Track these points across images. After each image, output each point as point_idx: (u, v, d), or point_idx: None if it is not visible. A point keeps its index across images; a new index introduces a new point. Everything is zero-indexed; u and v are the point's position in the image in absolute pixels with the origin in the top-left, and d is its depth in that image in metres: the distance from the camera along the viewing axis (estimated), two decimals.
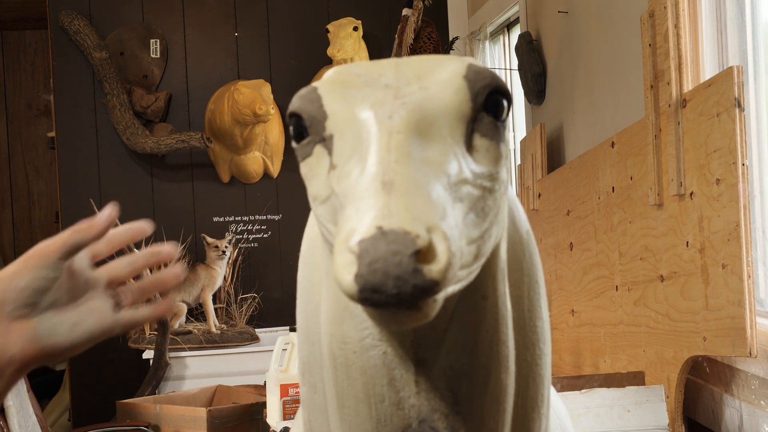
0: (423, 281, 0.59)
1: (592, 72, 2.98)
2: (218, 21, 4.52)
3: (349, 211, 0.63)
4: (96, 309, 0.86)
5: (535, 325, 0.85)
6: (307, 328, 0.87)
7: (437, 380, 0.74)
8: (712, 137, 1.98)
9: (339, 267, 0.60)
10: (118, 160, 4.45)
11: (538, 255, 0.88)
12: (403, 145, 0.66)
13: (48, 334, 0.82)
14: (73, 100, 4.45)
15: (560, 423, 1.06)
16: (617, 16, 2.74)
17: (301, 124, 0.74)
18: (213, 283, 4.23)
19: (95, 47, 4.35)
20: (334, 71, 0.76)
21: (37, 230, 6.10)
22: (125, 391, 4.01)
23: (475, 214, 0.68)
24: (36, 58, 6.17)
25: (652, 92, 2.25)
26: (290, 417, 2.60)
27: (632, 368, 2.38)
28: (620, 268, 2.50)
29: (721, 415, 2.08)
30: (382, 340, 0.74)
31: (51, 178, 6.00)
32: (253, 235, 4.53)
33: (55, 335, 0.82)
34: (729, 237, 1.91)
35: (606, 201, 2.59)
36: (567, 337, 2.89)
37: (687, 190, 2.10)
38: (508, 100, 0.74)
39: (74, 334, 0.84)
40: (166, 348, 3.93)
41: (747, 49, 2.16)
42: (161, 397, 3.63)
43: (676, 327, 2.16)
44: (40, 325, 0.82)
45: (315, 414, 0.87)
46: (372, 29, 4.50)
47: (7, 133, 6.14)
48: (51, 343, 0.82)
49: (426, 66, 0.74)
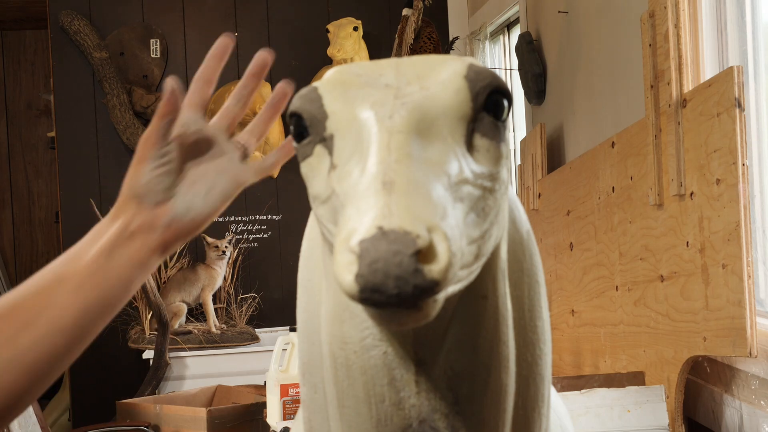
0: (423, 281, 0.59)
1: (592, 72, 2.98)
2: (218, 21, 4.52)
3: (350, 210, 0.63)
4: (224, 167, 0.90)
5: (536, 325, 0.85)
6: (308, 328, 0.87)
7: (437, 380, 0.74)
8: (712, 137, 1.98)
9: (339, 267, 0.60)
10: (118, 160, 4.45)
11: (538, 255, 0.88)
12: (403, 145, 0.66)
13: (185, 211, 0.87)
14: (73, 100, 4.45)
15: (560, 423, 1.06)
16: (617, 16, 2.74)
17: (302, 124, 0.74)
18: (213, 283, 4.23)
19: (95, 47, 4.35)
20: (334, 71, 0.76)
21: (37, 230, 6.10)
22: (125, 391, 4.01)
23: (476, 214, 0.68)
24: (36, 58, 6.18)
25: (652, 92, 2.25)
26: (290, 417, 2.60)
27: (632, 368, 2.38)
28: (620, 268, 2.50)
29: (721, 415, 2.08)
30: (382, 340, 0.74)
31: (51, 178, 6.00)
32: (253, 235, 4.53)
33: (192, 210, 0.88)
34: (729, 237, 1.91)
35: (606, 201, 2.59)
36: (567, 337, 2.89)
37: (687, 190, 2.10)
38: (509, 100, 0.74)
39: (209, 202, 0.89)
40: (166, 348, 3.93)
41: (747, 49, 2.16)
42: (161, 397, 3.63)
43: (676, 327, 2.16)
44: (176, 206, 0.87)
45: (315, 414, 0.87)
46: (372, 29, 4.50)
47: (7, 133, 6.14)
48: (189, 219, 0.88)
49: (426, 66, 0.74)
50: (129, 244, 0.86)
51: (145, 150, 0.87)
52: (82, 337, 0.85)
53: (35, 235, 6.09)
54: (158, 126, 0.87)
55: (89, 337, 0.86)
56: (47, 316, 0.82)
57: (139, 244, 0.86)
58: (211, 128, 0.92)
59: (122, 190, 0.88)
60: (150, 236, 0.86)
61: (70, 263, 0.85)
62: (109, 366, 4.33)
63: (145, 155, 0.87)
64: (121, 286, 0.85)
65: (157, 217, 0.87)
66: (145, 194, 0.86)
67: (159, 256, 0.87)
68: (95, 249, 0.85)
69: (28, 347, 0.81)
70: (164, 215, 0.87)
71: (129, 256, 0.86)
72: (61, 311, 0.83)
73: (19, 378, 0.81)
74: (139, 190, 0.87)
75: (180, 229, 0.88)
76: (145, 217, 0.86)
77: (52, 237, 6.04)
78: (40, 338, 0.82)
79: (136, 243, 0.86)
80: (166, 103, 0.87)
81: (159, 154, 0.87)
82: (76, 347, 0.84)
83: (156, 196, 0.87)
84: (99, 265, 0.84)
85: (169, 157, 0.87)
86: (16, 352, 0.81)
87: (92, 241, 0.86)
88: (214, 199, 0.89)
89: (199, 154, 0.90)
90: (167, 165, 0.87)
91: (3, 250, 6.03)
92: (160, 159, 0.87)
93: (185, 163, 0.89)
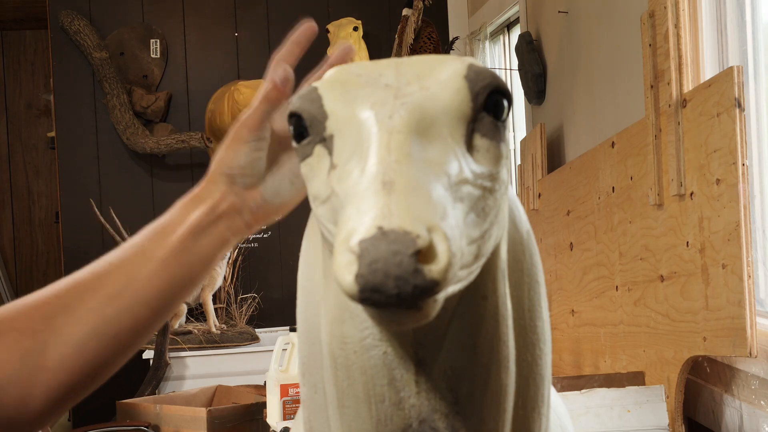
0: (423, 281, 0.59)
1: (592, 72, 2.98)
2: (218, 21, 4.52)
3: (350, 211, 0.63)
4: None
5: (536, 325, 0.85)
6: (308, 328, 0.87)
7: (437, 380, 0.74)
8: (712, 137, 1.98)
9: (339, 267, 0.60)
10: (118, 160, 4.45)
11: (538, 255, 0.88)
12: (403, 145, 0.66)
13: (273, 195, 0.90)
14: (73, 100, 4.45)
15: (560, 423, 1.06)
16: (617, 16, 2.74)
17: (302, 124, 0.74)
18: (213, 283, 4.23)
19: (95, 47, 4.35)
20: (334, 71, 0.76)
21: (37, 230, 6.11)
22: (125, 391, 4.01)
23: (476, 214, 0.68)
24: (36, 58, 6.18)
25: (652, 92, 2.25)
26: (290, 417, 2.60)
27: (632, 368, 2.38)
28: (620, 268, 2.50)
29: (721, 415, 2.08)
30: (382, 340, 0.74)
31: (51, 178, 6.00)
32: (253, 235, 4.53)
33: (280, 195, 0.90)
34: (729, 237, 1.91)
35: (606, 201, 2.59)
36: (567, 337, 2.89)
37: (687, 190, 2.10)
38: (509, 100, 0.74)
39: (296, 187, 0.91)
40: (166, 348, 3.93)
41: (747, 49, 2.16)
42: (161, 397, 3.63)
43: (676, 327, 2.16)
44: (266, 190, 0.89)
45: (315, 414, 0.87)
46: (372, 29, 4.50)
47: (7, 133, 6.14)
48: (277, 203, 0.90)
49: (426, 66, 0.74)
50: (216, 225, 0.87)
51: (243, 132, 0.88)
52: (164, 311, 0.87)
53: (35, 235, 6.09)
54: (262, 110, 0.88)
55: (170, 311, 0.88)
56: (132, 289, 0.84)
57: (225, 226, 0.88)
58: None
59: (212, 167, 0.89)
60: (237, 218, 0.88)
61: (156, 239, 0.87)
62: None
63: (243, 137, 0.88)
64: (204, 263, 0.88)
65: (247, 200, 0.88)
66: (239, 176, 0.88)
67: (242, 235, 0.90)
68: (183, 228, 0.87)
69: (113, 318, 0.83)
70: (254, 199, 0.89)
71: (215, 236, 0.87)
72: (145, 285, 0.85)
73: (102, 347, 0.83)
74: (233, 171, 0.88)
75: (266, 213, 0.90)
76: (234, 199, 0.88)
77: (52, 237, 6.05)
78: (124, 310, 0.84)
79: (223, 224, 0.88)
80: (275, 89, 0.88)
81: (257, 138, 0.88)
82: (157, 320, 0.87)
83: (249, 179, 0.88)
84: (186, 244, 0.86)
85: (265, 143, 0.88)
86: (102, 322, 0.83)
87: (178, 218, 0.87)
88: (299, 186, 0.91)
89: (286, 139, 0.91)
90: (263, 150, 0.88)
91: (3, 250, 6.02)
92: (258, 143, 0.88)
93: (276, 149, 0.90)
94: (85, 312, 0.83)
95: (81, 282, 0.85)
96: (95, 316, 0.83)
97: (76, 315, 0.83)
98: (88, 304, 0.83)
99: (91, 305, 0.83)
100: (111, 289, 0.84)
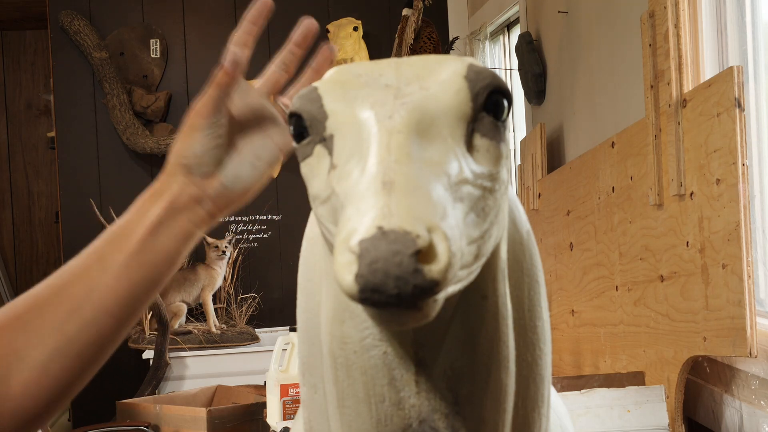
0: (423, 281, 0.59)
1: (592, 72, 2.98)
2: (218, 21, 4.52)
3: (350, 211, 0.63)
4: (270, 132, 0.89)
5: (536, 325, 0.85)
6: (308, 328, 0.87)
7: (437, 380, 0.74)
8: (712, 137, 1.98)
9: (339, 267, 0.60)
10: (118, 160, 4.45)
11: (538, 255, 0.88)
12: (403, 145, 0.66)
13: (234, 181, 0.86)
14: (73, 100, 4.45)
15: (560, 423, 1.06)
16: (617, 16, 2.74)
17: (302, 124, 0.74)
18: (213, 283, 4.23)
19: (95, 47, 4.35)
20: (334, 71, 0.76)
21: (37, 230, 6.10)
22: (125, 391, 4.01)
23: (476, 214, 0.68)
24: (36, 58, 6.18)
25: (652, 92, 2.25)
26: (290, 417, 2.60)
27: (632, 368, 2.38)
28: (620, 268, 2.50)
29: (721, 415, 2.08)
30: (382, 340, 0.74)
31: (51, 178, 6.00)
32: (253, 235, 4.53)
33: (241, 180, 0.87)
34: (729, 237, 1.91)
35: (606, 201, 2.59)
36: (567, 337, 2.89)
37: (687, 190, 2.10)
38: (509, 100, 0.74)
39: (258, 170, 0.88)
40: (166, 348, 3.93)
41: (747, 49, 2.16)
42: (161, 397, 3.63)
43: (676, 327, 2.16)
44: (226, 177, 0.86)
45: (315, 414, 0.87)
46: (372, 29, 4.50)
47: (7, 133, 6.14)
48: (239, 189, 0.87)
49: (426, 66, 0.74)
50: (176, 219, 0.84)
51: (196, 120, 0.85)
52: (129, 317, 0.83)
53: (35, 235, 6.08)
54: (214, 96, 0.85)
55: (136, 316, 0.84)
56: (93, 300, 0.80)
57: (186, 218, 0.85)
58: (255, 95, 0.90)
59: (168, 160, 0.86)
60: (198, 209, 0.85)
61: (115, 243, 0.83)
62: (109, 366, 4.31)
63: (197, 125, 0.85)
64: (167, 261, 0.84)
65: (206, 189, 0.85)
66: (195, 165, 0.85)
67: (205, 226, 0.86)
68: (141, 228, 0.83)
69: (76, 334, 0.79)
70: (213, 187, 0.86)
71: (176, 231, 0.84)
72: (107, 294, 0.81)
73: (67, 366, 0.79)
74: (189, 161, 0.85)
75: (228, 200, 0.87)
76: (194, 189, 0.85)
77: (52, 237, 6.04)
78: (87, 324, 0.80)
79: (184, 217, 0.85)
80: (225, 73, 0.85)
81: (211, 125, 0.85)
82: (123, 328, 0.83)
83: (206, 167, 0.85)
84: (145, 244, 0.83)
85: (221, 129, 0.85)
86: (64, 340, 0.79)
87: (137, 218, 0.84)
88: (262, 168, 0.88)
89: (245, 122, 0.88)
90: (220, 137, 0.85)
91: (3, 250, 6.02)
92: (213, 130, 0.85)
93: (234, 133, 0.87)
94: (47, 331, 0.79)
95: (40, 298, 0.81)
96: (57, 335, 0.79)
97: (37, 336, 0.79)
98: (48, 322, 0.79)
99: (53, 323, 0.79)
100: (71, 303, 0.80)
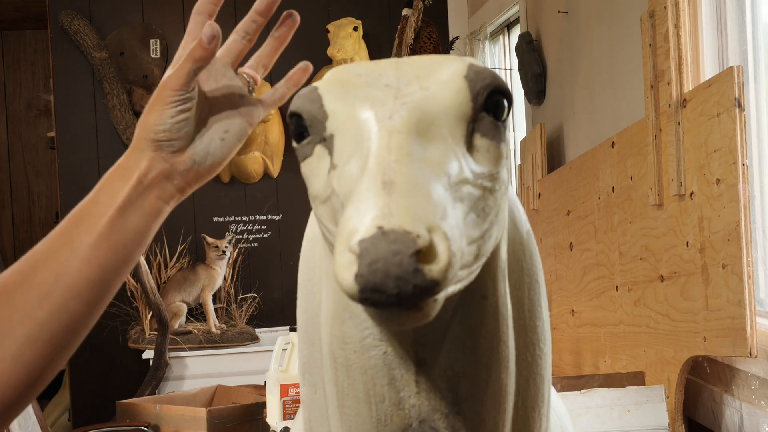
0: (423, 281, 0.59)
1: (592, 72, 2.98)
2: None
3: (350, 210, 0.63)
4: (236, 106, 0.88)
5: (536, 325, 0.85)
6: (308, 328, 0.87)
7: (437, 380, 0.74)
8: (712, 137, 1.98)
9: (339, 267, 0.60)
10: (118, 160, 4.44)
11: (538, 255, 0.88)
12: (403, 145, 0.66)
13: (203, 156, 0.85)
14: (73, 100, 4.45)
15: (560, 423, 1.06)
16: (617, 16, 2.74)
17: (302, 124, 0.74)
18: (213, 283, 4.23)
19: (95, 47, 4.35)
20: (334, 71, 0.76)
21: (37, 230, 6.10)
22: (125, 391, 4.01)
23: (476, 214, 0.68)
24: (36, 58, 6.18)
25: (652, 92, 2.25)
26: (290, 417, 2.60)
27: (632, 368, 2.38)
28: (620, 268, 2.50)
29: (721, 415, 2.08)
30: (382, 340, 0.74)
31: (51, 178, 6.00)
32: (253, 235, 4.53)
33: (210, 154, 0.86)
34: (729, 237, 1.91)
35: (606, 201, 2.59)
36: (567, 337, 2.89)
37: (687, 190, 2.10)
38: (509, 100, 0.74)
39: (227, 144, 0.87)
40: (166, 348, 3.93)
41: (747, 49, 2.16)
42: (161, 397, 3.63)
43: (676, 327, 2.16)
44: (195, 152, 0.85)
45: (315, 414, 0.87)
46: (372, 29, 4.50)
47: (7, 133, 6.14)
48: (209, 164, 0.86)
49: (426, 66, 0.74)
50: (145, 196, 0.83)
51: (167, 94, 0.83)
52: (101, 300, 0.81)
53: (35, 236, 6.08)
54: (187, 70, 0.83)
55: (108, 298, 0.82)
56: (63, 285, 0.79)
57: (155, 195, 0.83)
58: (220, 66, 0.89)
59: (136, 135, 0.84)
60: (168, 185, 0.84)
61: (82, 224, 0.81)
62: (109, 366, 4.33)
63: (167, 99, 0.82)
64: (137, 240, 0.82)
65: (176, 165, 0.84)
66: (165, 140, 0.83)
67: (174, 202, 0.85)
68: (109, 208, 0.81)
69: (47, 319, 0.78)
70: (183, 162, 0.84)
71: (145, 209, 0.83)
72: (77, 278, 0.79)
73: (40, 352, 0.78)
74: (158, 136, 0.83)
75: (198, 175, 0.86)
76: (163, 165, 0.83)
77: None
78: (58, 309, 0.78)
79: (153, 194, 0.83)
80: (201, 47, 0.83)
81: (183, 99, 0.83)
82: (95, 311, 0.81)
83: (177, 142, 0.83)
84: (114, 224, 0.81)
85: (191, 103, 0.83)
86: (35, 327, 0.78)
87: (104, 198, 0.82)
88: (230, 142, 0.87)
89: (212, 95, 0.87)
90: (191, 111, 0.83)
91: (3, 250, 6.03)
92: (184, 104, 0.83)
93: (203, 107, 0.86)
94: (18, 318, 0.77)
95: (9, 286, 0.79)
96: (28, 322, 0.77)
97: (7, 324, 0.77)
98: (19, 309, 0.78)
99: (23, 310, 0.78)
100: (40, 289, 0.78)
